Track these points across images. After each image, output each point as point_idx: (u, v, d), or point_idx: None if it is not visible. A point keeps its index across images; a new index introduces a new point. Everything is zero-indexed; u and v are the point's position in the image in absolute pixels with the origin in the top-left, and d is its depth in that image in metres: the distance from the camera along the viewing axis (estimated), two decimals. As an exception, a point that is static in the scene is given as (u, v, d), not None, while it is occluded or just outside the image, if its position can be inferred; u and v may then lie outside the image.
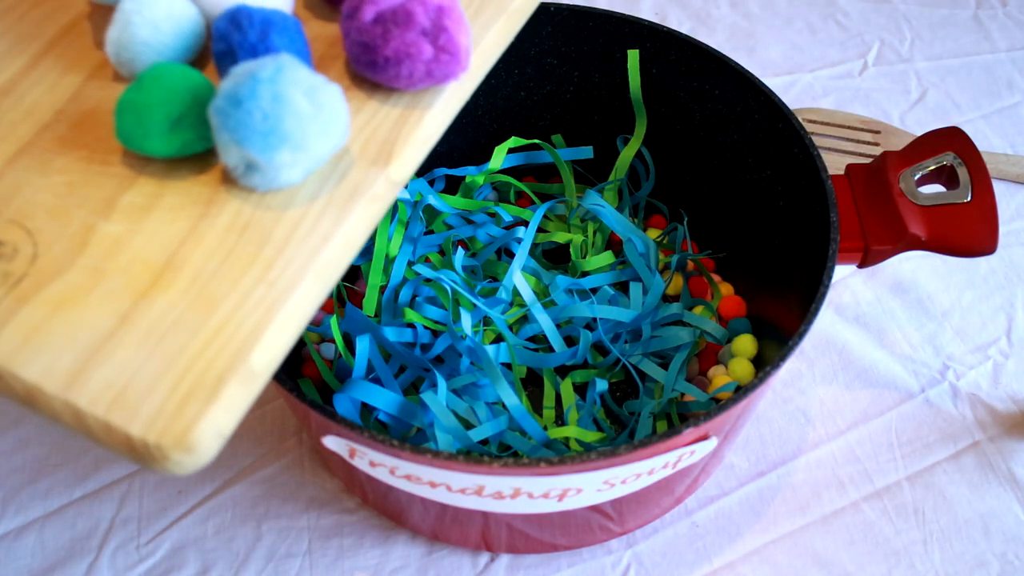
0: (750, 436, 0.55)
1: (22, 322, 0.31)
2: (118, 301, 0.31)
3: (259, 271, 0.32)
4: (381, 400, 0.49)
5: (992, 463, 0.54)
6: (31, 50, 0.39)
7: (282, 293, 0.31)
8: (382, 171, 0.34)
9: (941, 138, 0.50)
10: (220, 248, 0.32)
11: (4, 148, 0.35)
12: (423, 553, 0.51)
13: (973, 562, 0.51)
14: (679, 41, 0.54)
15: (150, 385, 0.29)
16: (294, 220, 0.33)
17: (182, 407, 0.29)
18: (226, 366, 0.30)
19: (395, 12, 0.35)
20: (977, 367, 0.58)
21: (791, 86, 0.74)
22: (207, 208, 0.33)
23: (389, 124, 0.35)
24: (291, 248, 0.32)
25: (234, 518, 0.53)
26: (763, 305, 0.55)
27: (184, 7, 0.36)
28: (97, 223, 0.33)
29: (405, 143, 0.35)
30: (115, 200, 0.34)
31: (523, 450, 0.51)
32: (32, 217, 0.33)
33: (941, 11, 0.80)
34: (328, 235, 0.32)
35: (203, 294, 0.31)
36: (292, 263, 0.32)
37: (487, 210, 0.60)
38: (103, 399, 0.29)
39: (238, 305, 0.31)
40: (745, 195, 0.55)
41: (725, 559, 0.51)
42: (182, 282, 0.31)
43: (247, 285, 0.31)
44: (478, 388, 0.52)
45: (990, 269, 0.63)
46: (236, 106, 0.31)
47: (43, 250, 0.32)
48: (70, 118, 0.36)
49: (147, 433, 0.28)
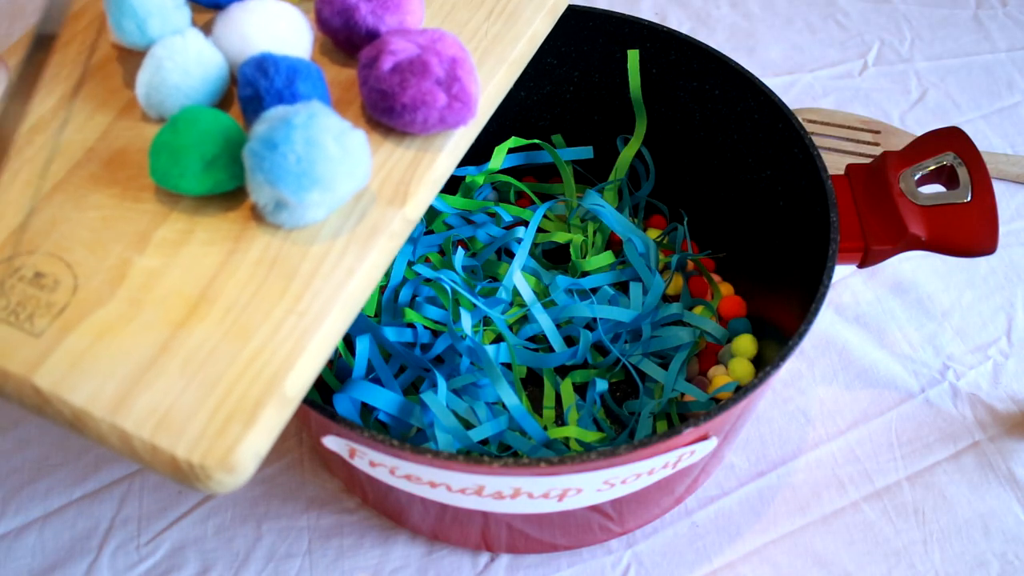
0: (750, 436, 0.55)
1: (67, 350, 0.32)
2: (157, 331, 0.33)
3: (289, 303, 0.34)
4: (381, 400, 0.49)
5: (992, 463, 0.54)
6: (60, 90, 0.40)
7: (312, 323, 0.33)
8: (399, 210, 0.36)
9: (941, 138, 0.50)
10: (251, 281, 0.34)
11: (40, 184, 0.37)
12: (423, 553, 0.51)
13: (973, 562, 0.51)
14: (679, 41, 0.54)
15: (192, 409, 0.31)
16: (319, 255, 0.35)
17: (223, 430, 0.31)
18: (262, 392, 0.32)
19: (412, 62, 0.37)
20: (977, 367, 0.58)
21: (791, 86, 0.74)
22: (236, 243, 0.35)
23: (403, 166, 0.38)
24: (318, 281, 0.34)
25: (234, 518, 0.53)
26: (763, 305, 0.55)
27: (211, 53, 0.38)
28: (133, 257, 0.35)
29: (419, 184, 0.37)
30: (149, 235, 0.35)
31: (523, 450, 0.51)
32: (70, 251, 0.35)
33: (941, 11, 0.80)
34: (352, 269, 0.35)
35: (237, 324, 0.33)
36: (319, 295, 0.34)
37: (487, 210, 0.60)
38: (148, 422, 0.31)
39: (271, 335, 0.33)
40: (745, 195, 0.55)
41: (725, 559, 0.51)
42: (217, 313, 0.33)
43: (278, 316, 0.33)
44: (478, 388, 0.52)
45: (990, 269, 0.63)
46: (271, 149, 0.33)
47: (83, 282, 0.34)
48: (101, 156, 0.38)
49: (191, 454, 0.30)
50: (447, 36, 0.38)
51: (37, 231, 0.36)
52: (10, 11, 0.79)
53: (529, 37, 0.42)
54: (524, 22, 0.43)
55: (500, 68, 0.41)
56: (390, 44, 0.37)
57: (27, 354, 0.32)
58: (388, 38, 0.38)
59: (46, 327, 0.33)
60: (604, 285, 0.57)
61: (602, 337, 0.54)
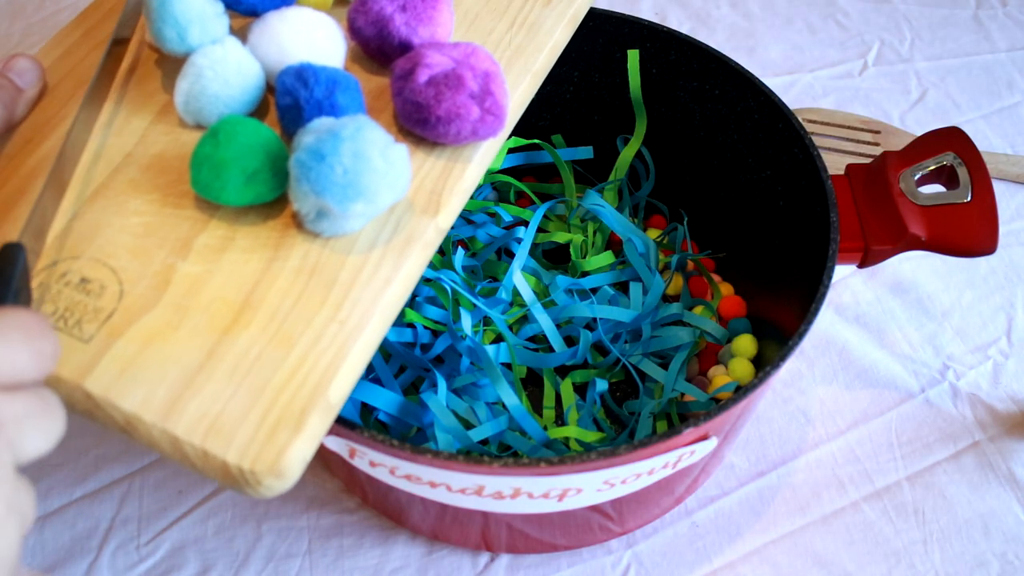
0: (750, 436, 0.55)
1: (117, 355, 0.33)
2: (204, 337, 0.33)
3: (330, 311, 0.34)
4: (381, 400, 0.49)
5: (992, 463, 0.54)
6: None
7: (352, 331, 0.34)
8: (432, 220, 0.37)
9: (941, 138, 0.50)
10: (292, 289, 0.35)
11: (82, 189, 0.37)
12: (423, 553, 0.51)
13: (973, 562, 0.51)
14: (679, 41, 0.54)
15: (241, 415, 0.32)
16: (357, 265, 0.36)
17: (272, 436, 0.31)
18: (308, 399, 0.32)
19: (447, 76, 0.38)
20: (977, 367, 0.58)
21: (791, 86, 0.74)
22: (276, 251, 0.36)
23: (435, 176, 0.38)
24: (357, 290, 0.35)
25: (234, 518, 0.53)
26: (763, 305, 0.55)
27: (250, 63, 0.39)
28: (176, 263, 0.35)
29: (451, 194, 0.38)
30: (191, 242, 0.36)
31: (523, 450, 0.51)
32: (115, 256, 0.35)
33: (941, 11, 0.80)
34: (389, 278, 0.35)
35: (281, 332, 0.34)
36: (359, 304, 0.34)
37: (487, 210, 0.60)
38: (199, 428, 0.31)
39: (314, 342, 0.33)
40: (745, 195, 0.55)
41: (725, 559, 0.51)
42: (261, 320, 0.34)
43: (320, 324, 0.34)
44: (478, 388, 0.52)
45: (990, 269, 0.63)
46: (319, 160, 0.34)
47: (128, 288, 0.35)
48: (139, 161, 0.38)
49: (242, 460, 0.31)
50: (480, 50, 0.39)
51: (81, 236, 0.36)
52: (10, 11, 0.79)
53: (551, 47, 0.43)
54: (545, 32, 0.43)
55: (524, 79, 0.42)
56: (425, 57, 0.38)
57: (78, 360, 0.33)
58: (423, 51, 0.38)
59: (94, 333, 0.33)
60: (604, 285, 0.57)
61: (602, 337, 0.54)
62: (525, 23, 0.44)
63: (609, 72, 0.57)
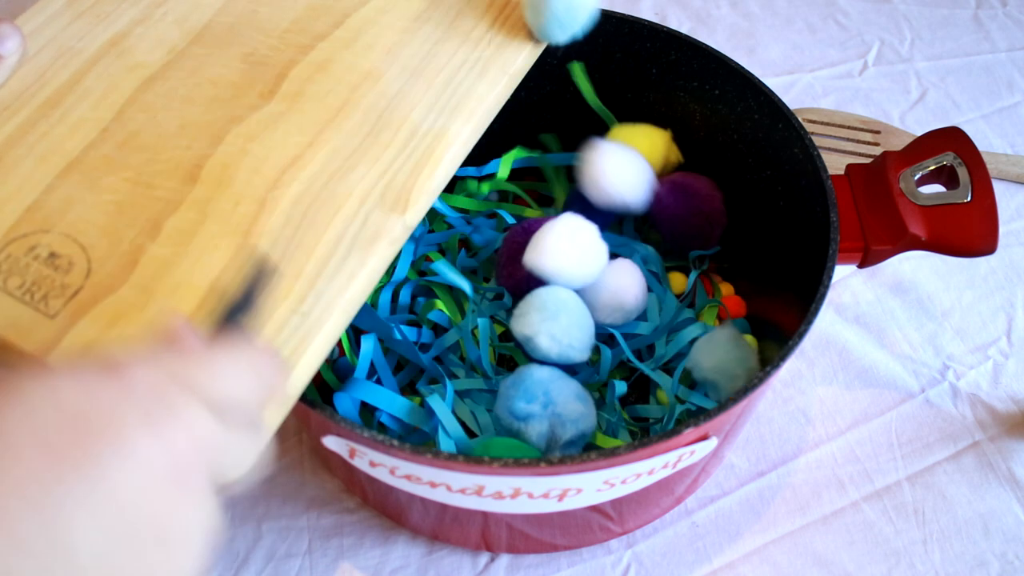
0: (750, 436, 0.55)
1: (80, 334, 0.33)
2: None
3: (293, 303, 0.34)
4: (384, 401, 0.49)
5: (992, 463, 0.54)
6: (73, 65, 0.41)
7: (315, 324, 0.34)
8: (400, 218, 0.37)
9: (941, 138, 0.50)
10: None
11: (54, 161, 0.37)
12: (423, 553, 0.51)
13: (973, 562, 0.51)
14: (679, 41, 0.54)
15: None
16: (323, 257, 0.35)
17: None
18: None
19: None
20: (977, 367, 0.58)
21: (791, 86, 0.74)
22: (244, 239, 0.36)
23: (406, 173, 0.38)
24: (322, 283, 0.35)
25: (234, 518, 0.53)
26: (763, 305, 0.55)
27: None
28: (146, 244, 0.35)
29: (420, 192, 0.38)
30: (161, 223, 0.36)
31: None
32: (85, 233, 0.35)
33: (941, 11, 0.80)
34: (354, 273, 0.35)
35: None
36: (323, 297, 0.34)
37: (488, 211, 0.60)
38: None
39: (275, 333, 0.33)
40: (745, 195, 0.55)
41: (725, 559, 0.51)
42: None
43: (283, 315, 0.34)
44: (481, 393, 0.52)
45: (990, 269, 0.63)
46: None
47: (96, 266, 0.34)
48: (115, 137, 0.38)
49: None
50: None
51: (53, 210, 0.36)
52: (10, 10, 0.79)
53: (531, 48, 0.43)
54: (527, 33, 0.43)
55: (502, 78, 0.42)
56: None
57: (42, 335, 0.33)
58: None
59: (60, 309, 0.33)
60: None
61: (627, 354, 0.53)
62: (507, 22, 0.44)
63: (609, 72, 0.57)
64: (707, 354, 0.50)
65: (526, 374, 0.48)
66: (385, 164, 0.38)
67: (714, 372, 0.50)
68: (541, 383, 0.47)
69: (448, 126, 0.40)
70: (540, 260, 0.51)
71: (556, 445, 0.47)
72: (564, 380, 0.48)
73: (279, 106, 0.40)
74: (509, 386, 0.48)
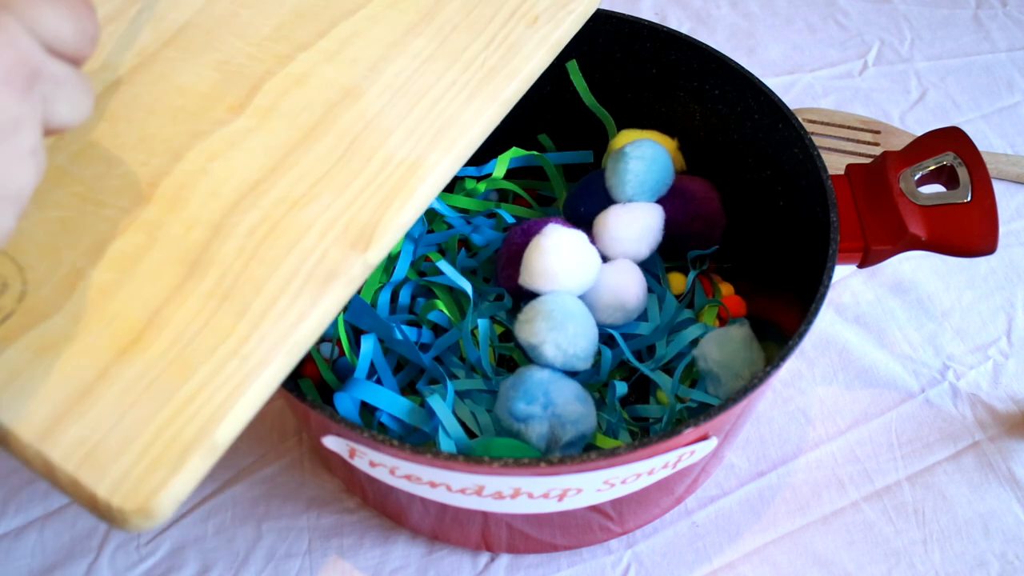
0: (750, 436, 0.55)
1: (6, 363, 0.31)
2: (99, 355, 0.31)
3: (234, 344, 0.32)
4: (384, 401, 0.49)
5: (992, 463, 0.54)
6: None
7: (253, 369, 0.31)
8: (361, 256, 0.34)
9: (941, 138, 0.50)
10: (200, 314, 0.32)
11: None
12: (423, 553, 0.51)
13: (973, 562, 0.51)
14: (679, 41, 0.54)
15: (120, 447, 0.30)
16: (273, 294, 0.33)
17: (148, 474, 0.29)
18: (193, 438, 0.30)
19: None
20: (977, 367, 0.58)
21: (791, 86, 0.74)
22: (192, 269, 0.33)
23: (373, 206, 0.36)
24: (267, 324, 0.32)
25: (234, 518, 0.53)
26: (763, 305, 0.55)
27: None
28: (86, 268, 0.33)
29: (386, 229, 0.35)
30: (105, 246, 0.34)
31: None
32: (25, 252, 0.33)
33: (941, 11, 0.80)
34: (303, 315, 0.33)
35: (179, 360, 0.32)
36: (266, 339, 0.32)
37: (488, 211, 0.60)
38: (75, 455, 0.30)
39: (211, 376, 0.31)
40: (745, 195, 0.55)
41: (725, 559, 0.51)
42: (161, 344, 0.32)
43: (222, 357, 0.32)
44: (481, 393, 0.52)
45: (990, 269, 0.63)
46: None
47: (32, 289, 0.33)
48: (71, 146, 0.36)
49: (112, 496, 0.29)
50: None
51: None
52: None
53: (526, 74, 0.40)
54: (523, 57, 0.40)
55: (490, 106, 0.39)
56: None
57: None
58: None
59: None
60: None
61: (628, 356, 0.53)
62: (504, 43, 0.40)
63: (609, 72, 0.57)
64: (717, 347, 0.50)
65: (526, 375, 0.48)
66: (353, 195, 0.36)
67: (719, 366, 0.50)
68: (541, 384, 0.47)
69: (425, 156, 0.37)
70: (532, 281, 0.50)
71: (556, 446, 0.47)
72: (564, 381, 0.48)
73: (248, 122, 0.38)
74: (509, 387, 0.48)
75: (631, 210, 0.54)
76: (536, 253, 0.50)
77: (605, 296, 0.52)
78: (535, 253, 0.50)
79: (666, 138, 0.57)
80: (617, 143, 0.57)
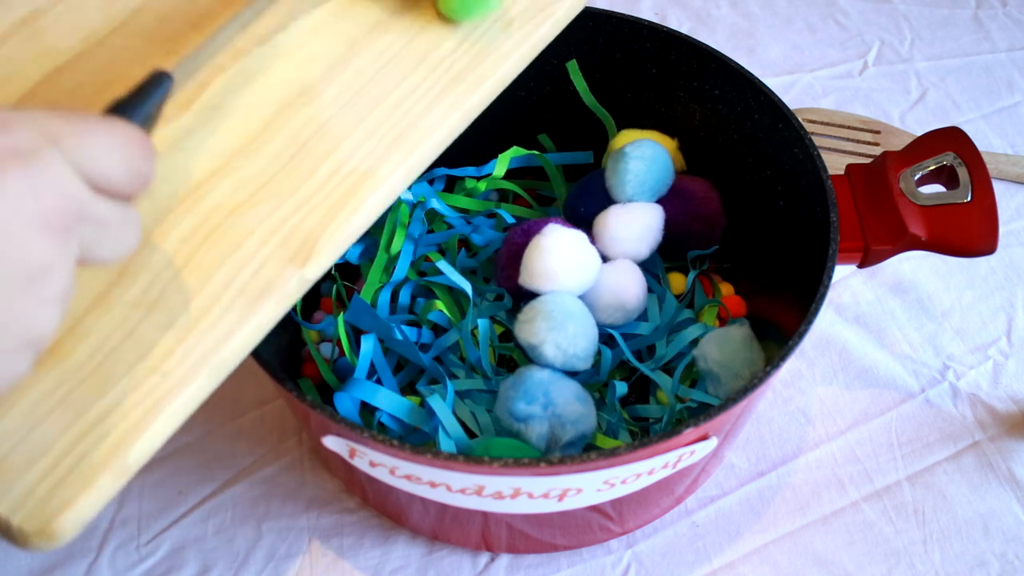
0: (750, 436, 0.55)
1: None
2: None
3: (156, 360, 0.30)
4: (385, 401, 0.49)
5: (992, 463, 0.54)
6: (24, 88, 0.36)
7: (172, 388, 0.30)
8: (298, 271, 0.33)
9: (941, 138, 0.50)
10: (124, 325, 0.31)
11: None
12: (423, 553, 0.51)
13: (973, 562, 0.51)
14: (679, 41, 0.54)
15: (26, 464, 0.28)
16: (202, 308, 0.31)
17: (52, 493, 0.28)
18: (103, 458, 0.29)
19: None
20: (977, 367, 0.58)
21: (791, 86, 0.74)
22: (120, 276, 0.32)
23: (316, 218, 0.34)
24: (192, 339, 0.31)
25: (234, 518, 0.53)
26: (763, 305, 0.55)
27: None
28: None
29: (327, 243, 0.33)
30: None
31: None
32: None
33: (941, 11, 0.80)
34: (230, 332, 0.31)
35: (97, 373, 0.30)
36: (189, 357, 0.31)
37: (488, 211, 0.60)
38: None
39: (128, 392, 0.30)
40: (745, 195, 0.55)
41: (725, 559, 0.51)
42: (80, 355, 0.30)
43: (141, 372, 0.30)
44: (481, 393, 0.52)
45: (990, 269, 0.63)
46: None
47: None
48: None
49: (12, 515, 0.28)
50: None
51: None
52: (10, 11, 0.79)
53: (496, 79, 0.38)
54: (494, 61, 0.38)
55: (453, 113, 0.37)
56: None
57: None
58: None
59: None
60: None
61: (628, 356, 0.52)
62: (476, 44, 0.38)
63: (609, 72, 0.57)
64: (717, 347, 0.50)
65: (526, 375, 0.48)
66: (297, 203, 0.34)
67: (719, 366, 0.50)
68: (541, 384, 0.47)
69: (379, 165, 0.35)
70: (532, 281, 0.50)
71: (556, 446, 0.47)
72: (564, 381, 0.48)
73: (192, 120, 0.35)
74: (509, 387, 0.48)
75: (631, 210, 0.54)
76: (536, 253, 0.50)
77: (605, 296, 0.52)
78: (535, 253, 0.50)
79: (666, 138, 0.57)
80: (617, 143, 0.57)
